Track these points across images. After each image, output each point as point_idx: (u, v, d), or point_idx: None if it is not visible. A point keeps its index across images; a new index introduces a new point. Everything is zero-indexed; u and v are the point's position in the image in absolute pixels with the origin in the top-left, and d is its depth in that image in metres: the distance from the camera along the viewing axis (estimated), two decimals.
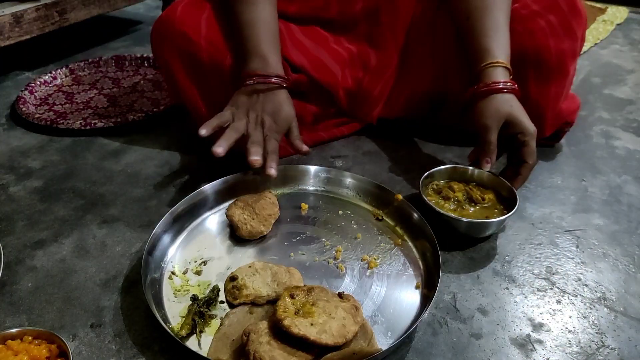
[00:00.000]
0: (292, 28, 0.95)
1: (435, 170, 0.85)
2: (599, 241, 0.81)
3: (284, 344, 0.58)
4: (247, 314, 0.66)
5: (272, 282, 0.68)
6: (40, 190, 0.91)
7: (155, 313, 0.63)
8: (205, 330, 0.64)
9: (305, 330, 0.58)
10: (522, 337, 0.65)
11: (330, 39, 0.98)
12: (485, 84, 0.81)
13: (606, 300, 0.70)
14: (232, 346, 0.61)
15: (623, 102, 1.24)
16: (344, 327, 0.60)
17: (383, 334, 0.64)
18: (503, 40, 0.84)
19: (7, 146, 1.05)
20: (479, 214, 0.79)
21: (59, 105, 1.21)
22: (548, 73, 0.89)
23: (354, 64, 0.99)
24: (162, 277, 0.71)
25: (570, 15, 0.87)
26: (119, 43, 1.62)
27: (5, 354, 0.58)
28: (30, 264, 0.75)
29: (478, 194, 0.82)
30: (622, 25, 1.76)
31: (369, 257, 0.75)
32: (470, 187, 0.83)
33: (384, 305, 0.68)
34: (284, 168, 0.87)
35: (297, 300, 0.62)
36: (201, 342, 0.63)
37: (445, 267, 0.75)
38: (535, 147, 0.80)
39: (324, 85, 0.96)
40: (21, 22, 1.22)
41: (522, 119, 0.80)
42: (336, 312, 0.61)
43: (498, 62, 0.81)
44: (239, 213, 0.78)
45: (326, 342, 0.58)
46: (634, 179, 0.95)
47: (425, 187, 0.84)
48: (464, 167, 0.86)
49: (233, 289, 0.68)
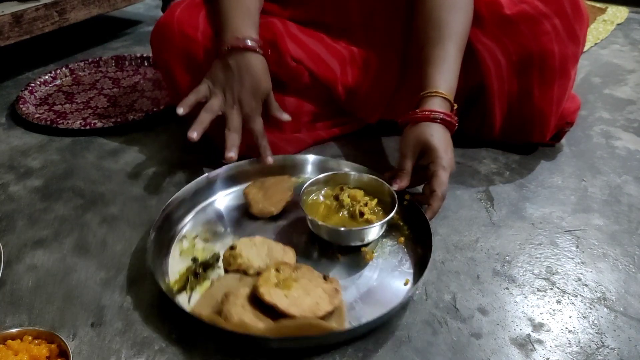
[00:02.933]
0: (289, 25, 0.95)
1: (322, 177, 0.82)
2: (599, 241, 0.81)
3: (257, 310, 0.63)
4: (236, 280, 0.70)
5: (265, 256, 0.72)
6: (41, 190, 0.91)
7: (151, 266, 0.68)
8: (197, 289, 0.70)
9: (276, 299, 0.62)
10: (522, 337, 0.65)
11: (328, 39, 0.98)
12: (415, 111, 0.80)
13: (606, 300, 0.70)
14: (214, 305, 0.65)
15: (623, 102, 1.24)
16: (317, 305, 0.63)
17: (356, 320, 0.65)
18: (449, 71, 0.82)
19: (7, 146, 1.05)
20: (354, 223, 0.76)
21: (59, 105, 1.21)
22: (551, 76, 0.89)
23: (354, 62, 0.98)
24: (174, 238, 0.78)
25: (574, 19, 0.87)
26: (119, 43, 1.62)
27: (6, 354, 0.58)
28: (30, 263, 0.75)
29: (359, 208, 0.78)
30: (622, 25, 1.76)
31: (367, 249, 0.76)
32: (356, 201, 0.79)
33: (367, 295, 0.69)
34: (311, 158, 0.92)
35: (281, 274, 0.67)
36: (191, 299, 0.68)
37: (445, 267, 0.75)
38: (446, 179, 0.75)
39: (322, 79, 0.96)
40: (21, 22, 1.22)
41: (438, 148, 0.76)
42: (314, 290, 0.65)
43: (437, 92, 0.80)
44: (254, 192, 0.84)
45: (293, 313, 0.61)
46: (634, 179, 0.95)
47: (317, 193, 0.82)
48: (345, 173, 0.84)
49: (229, 257, 0.72)
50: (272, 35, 0.91)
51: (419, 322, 0.66)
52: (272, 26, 0.92)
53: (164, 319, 0.66)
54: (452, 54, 0.83)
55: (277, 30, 0.91)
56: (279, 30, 0.91)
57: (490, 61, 0.91)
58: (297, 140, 0.99)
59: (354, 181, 0.83)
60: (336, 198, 0.80)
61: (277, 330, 0.60)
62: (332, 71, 0.96)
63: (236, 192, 0.88)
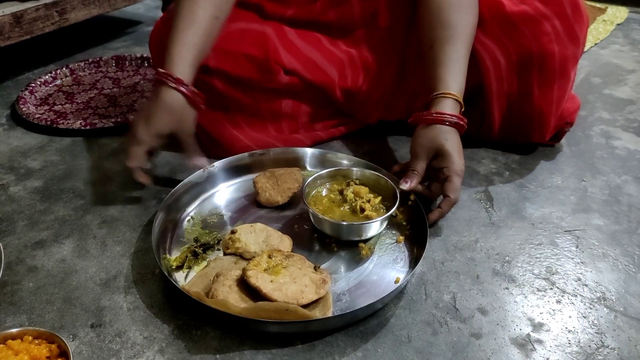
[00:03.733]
0: (285, 31, 0.95)
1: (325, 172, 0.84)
2: (599, 241, 0.81)
3: (243, 292, 0.65)
4: (232, 263, 0.73)
5: (262, 242, 0.75)
6: (41, 191, 0.92)
7: (153, 243, 0.72)
8: (194, 267, 0.73)
9: (261, 283, 0.64)
10: (522, 337, 0.65)
11: (327, 42, 0.98)
12: (429, 112, 0.80)
13: (606, 300, 0.70)
14: (206, 284, 0.68)
15: (623, 102, 1.24)
16: (301, 293, 0.64)
17: (340, 311, 0.67)
18: (459, 72, 0.82)
19: (8, 146, 1.06)
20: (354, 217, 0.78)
21: (59, 105, 1.21)
22: (551, 77, 0.89)
23: (353, 66, 0.98)
24: (182, 219, 0.82)
25: (574, 20, 0.87)
26: (119, 43, 1.62)
27: (6, 354, 0.58)
28: (30, 264, 0.75)
29: (360, 204, 0.79)
30: (622, 25, 1.76)
31: (364, 245, 0.76)
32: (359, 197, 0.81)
33: (356, 288, 0.71)
34: (323, 153, 0.95)
35: (273, 260, 0.69)
36: (188, 276, 0.72)
37: (445, 267, 0.75)
38: (460, 185, 0.77)
39: (318, 86, 0.96)
40: (21, 22, 1.22)
41: (453, 154, 0.77)
42: (302, 279, 0.66)
43: (449, 94, 0.80)
44: (263, 181, 0.86)
45: (276, 298, 0.63)
46: (634, 179, 0.95)
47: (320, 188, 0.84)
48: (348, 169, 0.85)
49: (229, 240, 0.75)
50: (264, 53, 0.90)
51: (419, 322, 0.67)
52: (264, 41, 0.90)
53: (163, 320, 0.66)
54: (462, 54, 0.83)
55: (269, 45, 0.90)
56: (272, 44, 0.90)
57: (490, 61, 0.91)
58: (295, 141, 0.99)
59: (360, 177, 0.84)
60: (341, 193, 0.82)
61: (255, 311, 0.61)
62: (329, 77, 0.96)
63: (245, 182, 0.91)
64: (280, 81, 0.92)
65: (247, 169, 0.93)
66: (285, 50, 0.93)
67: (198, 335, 0.64)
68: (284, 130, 0.99)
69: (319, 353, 0.62)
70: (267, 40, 0.91)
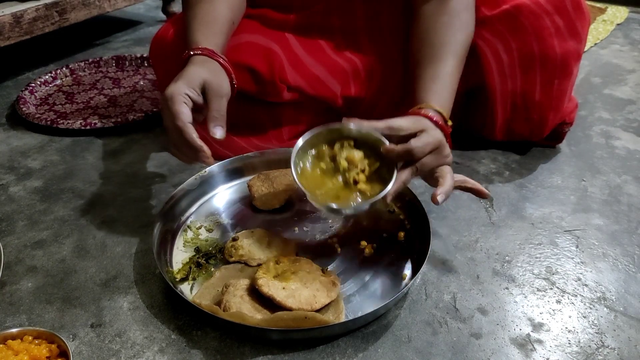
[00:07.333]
0: (290, 44, 0.93)
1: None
2: (599, 241, 0.81)
3: (255, 301, 0.64)
4: (237, 271, 0.72)
5: (266, 248, 0.74)
6: (40, 191, 0.92)
7: (154, 254, 0.70)
8: (199, 279, 0.72)
9: (274, 291, 0.63)
10: (522, 337, 0.65)
11: (331, 51, 0.96)
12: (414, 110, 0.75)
13: (606, 300, 0.70)
14: (214, 295, 0.67)
15: (623, 102, 1.24)
16: (314, 297, 0.64)
17: (352, 313, 0.66)
18: (445, 88, 0.78)
19: (7, 146, 1.06)
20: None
21: (59, 105, 1.21)
22: (553, 72, 0.89)
23: (358, 76, 0.96)
24: (179, 228, 0.80)
25: (575, 16, 0.88)
26: (119, 43, 1.62)
27: (6, 354, 0.58)
28: (30, 264, 0.75)
29: (354, 175, 0.70)
30: (622, 25, 1.76)
31: (367, 243, 0.77)
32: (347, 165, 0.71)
33: (364, 289, 0.70)
34: None
35: (281, 266, 0.68)
36: (193, 288, 0.70)
37: (445, 267, 0.75)
38: (448, 152, 0.71)
39: (321, 99, 0.95)
40: (21, 22, 1.22)
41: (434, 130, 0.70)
42: (312, 283, 0.66)
43: (431, 105, 0.74)
44: (258, 184, 0.85)
45: (291, 305, 0.62)
46: (634, 179, 0.95)
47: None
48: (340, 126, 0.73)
49: (231, 248, 0.74)
50: (269, 70, 0.88)
51: (419, 322, 0.67)
52: (271, 57, 0.89)
53: (163, 320, 0.66)
54: (449, 70, 0.79)
55: (275, 62, 0.88)
56: (277, 61, 0.88)
57: (492, 57, 0.90)
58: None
59: (357, 135, 0.72)
60: (333, 159, 0.72)
61: (273, 321, 0.61)
62: (331, 92, 0.95)
63: (240, 184, 0.90)
64: (283, 97, 0.92)
65: (240, 171, 0.91)
66: (290, 66, 0.91)
67: (198, 335, 0.64)
68: (283, 136, 0.99)
69: (320, 354, 0.62)
70: (274, 57, 0.89)
